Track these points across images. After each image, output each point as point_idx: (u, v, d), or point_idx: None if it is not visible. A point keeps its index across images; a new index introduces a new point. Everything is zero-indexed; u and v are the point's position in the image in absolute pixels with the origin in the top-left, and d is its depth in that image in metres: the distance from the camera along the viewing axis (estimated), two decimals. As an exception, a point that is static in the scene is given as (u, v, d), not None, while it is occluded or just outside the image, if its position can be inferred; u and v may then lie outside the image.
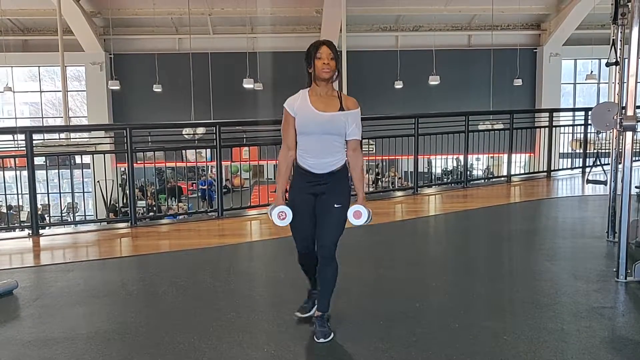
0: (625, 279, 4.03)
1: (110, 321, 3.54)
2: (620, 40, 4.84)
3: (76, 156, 9.67)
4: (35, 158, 6.24)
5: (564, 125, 10.44)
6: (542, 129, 10.02)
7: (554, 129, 9.76)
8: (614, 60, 4.90)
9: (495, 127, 10.25)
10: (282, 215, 3.09)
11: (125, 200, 17.36)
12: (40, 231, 6.24)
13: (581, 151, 10.23)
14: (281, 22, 18.57)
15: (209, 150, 9.90)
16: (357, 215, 3.10)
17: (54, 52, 16.22)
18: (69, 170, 7.75)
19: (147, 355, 3.05)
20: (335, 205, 3.11)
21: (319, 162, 3.09)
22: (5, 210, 12.05)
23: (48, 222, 11.02)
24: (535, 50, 20.08)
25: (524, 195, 8.53)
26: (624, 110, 4.15)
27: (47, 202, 10.46)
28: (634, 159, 4.09)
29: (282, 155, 3.16)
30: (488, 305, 3.71)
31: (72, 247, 6.04)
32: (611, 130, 4.96)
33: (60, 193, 10.30)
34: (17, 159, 7.00)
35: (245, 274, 4.76)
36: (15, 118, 19.85)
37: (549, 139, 9.64)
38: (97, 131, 14.26)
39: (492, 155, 13.15)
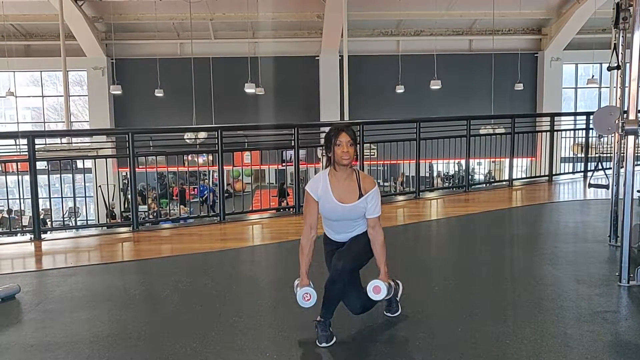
0: (628, 283, 4.02)
1: (112, 326, 3.54)
2: (622, 45, 4.84)
3: (78, 161, 9.67)
4: (37, 162, 6.24)
5: (566, 130, 10.44)
6: (544, 133, 10.01)
7: (555, 133, 9.76)
8: (616, 65, 4.90)
9: (497, 131, 10.25)
10: (307, 297, 3.16)
11: (126, 205, 17.39)
12: (42, 235, 6.24)
13: (583, 155, 10.22)
14: (282, 26, 18.61)
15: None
16: (377, 290, 3.17)
17: (56, 57, 16.26)
18: (70, 175, 7.76)
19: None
20: (352, 236, 3.32)
21: (343, 236, 3.35)
22: (7, 215, 12.07)
23: (50, 226, 11.04)
24: (536, 55, 20.10)
25: (525, 200, 8.52)
26: (625, 114, 4.15)
27: (49, 207, 10.44)
28: (636, 163, 4.08)
29: (305, 236, 3.27)
30: (490, 310, 3.71)
31: (74, 251, 6.04)
32: (613, 135, 4.97)
33: (62, 197, 10.29)
34: (19, 163, 7.02)
35: (247, 278, 4.76)
36: (17, 123, 19.89)
37: (550, 143, 9.64)
38: (99, 136, 14.27)
39: (493, 159, 13.14)
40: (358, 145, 3.31)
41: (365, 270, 3.37)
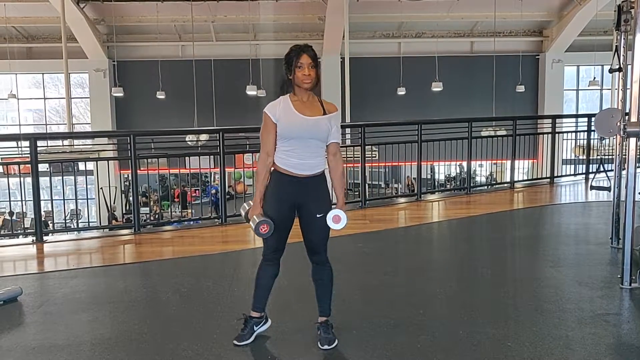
0: (630, 285, 4.02)
1: (114, 328, 3.54)
2: (623, 47, 4.84)
3: (80, 163, 9.68)
4: (39, 165, 6.25)
5: (567, 132, 10.44)
6: (545, 135, 10.01)
7: (556, 135, 9.75)
8: (617, 67, 4.90)
9: (498, 133, 10.25)
10: (263, 229, 3.07)
11: (128, 207, 17.41)
12: (44, 238, 6.25)
13: (584, 157, 10.21)
14: (284, 28, 18.63)
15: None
16: (336, 219, 3.11)
17: (57, 59, 16.29)
18: (72, 177, 7.77)
19: (151, 362, 3.05)
20: (318, 215, 3.13)
21: (302, 163, 3.09)
22: (9, 217, 12.08)
23: (52, 228, 11.05)
24: (537, 57, 20.09)
25: (527, 202, 8.52)
26: (627, 117, 4.15)
27: (50, 209, 10.46)
28: (637, 165, 4.08)
29: (262, 161, 3.16)
30: (492, 312, 3.70)
31: (76, 253, 6.04)
32: (614, 137, 4.97)
33: (63, 200, 10.32)
34: (21, 165, 7.03)
35: (248, 280, 4.74)
36: (19, 125, 19.91)
37: (552, 145, 9.63)
38: (101, 138, 14.29)
39: (495, 161, 13.15)
40: (319, 72, 3.13)
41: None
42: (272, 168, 3.16)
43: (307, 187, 3.12)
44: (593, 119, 5.38)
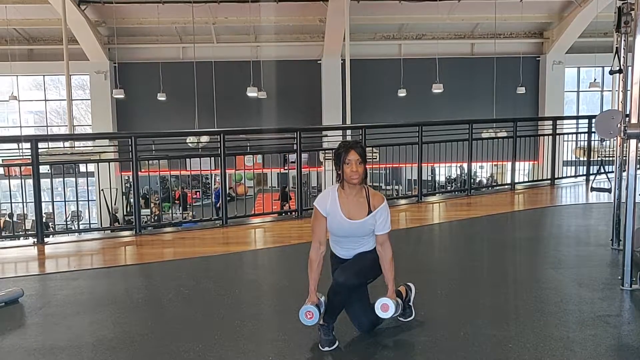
0: (631, 287, 4.01)
1: (116, 329, 3.54)
2: (624, 48, 4.84)
3: (80, 164, 9.70)
4: (40, 166, 6.25)
5: (568, 133, 10.44)
6: (546, 137, 10.01)
7: (557, 136, 9.76)
8: (618, 68, 4.90)
9: (499, 135, 10.25)
10: (309, 315, 3.12)
11: (129, 209, 17.42)
12: (45, 239, 6.26)
13: (585, 159, 10.21)
14: (285, 30, 18.64)
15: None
16: (385, 308, 3.15)
17: (58, 61, 16.29)
18: (73, 179, 7.78)
19: (152, 363, 3.05)
20: (360, 251, 3.29)
21: (350, 253, 3.30)
22: (10, 219, 12.09)
23: (53, 230, 11.06)
24: (538, 59, 20.10)
25: (528, 203, 8.52)
26: (627, 118, 4.16)
27: (51, 211, 10.47)
28: (638, 166, 4.08)
29: (314, 251, 3.24)
30: (493, 313, 3.71)
31: (77, 255, 6.05)
32: (615, 138, 4.97)
33: (64, 201, 10.33)
34: (22, 167, 7.04)
35: (249, 282, 4.76)
36: (20, 126, 19.93)
37: (552, 146, 9.63)
38: (102, 140, 14.30)
39: (495, 163, 13.15)
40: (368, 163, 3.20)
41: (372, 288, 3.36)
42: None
43: None
44: (593, 120, 5.39)
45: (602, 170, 6.29)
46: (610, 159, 6.98)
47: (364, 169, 3.15)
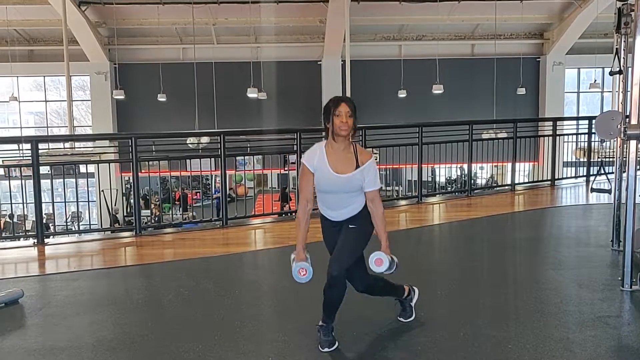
0: (631, 287, 4.02)
1: (116, 330, 3.55)
2: (624, 49, 4.85)
3: (81, 165, 9.70)
4: (40, 167, 6.26)
5: (568, 134, 10.44)
6: (546, 138, 10.01)
7: (557, 137, 9.76)
8: (618, 69, 4.91)
9: (499, 136, 10.25)
10: (302, 272, 3.12)
11: (129, 210, 17.43)
12: (45, 240, 6.26)
13: (585, 160, 10.22)
14: (285, 31, 18.64)
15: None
16: (379, 262, 3.13)
17: (59, 62, 16.29)
18: (73, 180, 7.79)
19: (152, 364, 3.05)
20: (350, 226, 3.20)
21: (337, 213, 3.23)
22: (10, 219, 12.10)
23: (53, 231, 11.06)
24: (538, 59, 20.10)
25: (528, 204, 8.52)
26: (627, 119, 4.16)
27: (52, 211, 10.46)
28: (638, 167, 4.08)
29: (301, 208, 3.23)
30: (493, 314, 3.71)
31: (77, 256, 6.06)
32: (615, 139, 4.97)
33: (65, 202, 10.32)
34: (22, 168, 7.04)
35: (249, 283, 4.77)
36: (21, 127, 19.93)
37: (552, 147, 9.63)
38: (102, 140, 14.30)
39: (495, 164, 13.14)
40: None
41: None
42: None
43: (346, 222, 3.24)
44: (594, 121, 5.39)
45: (602, 171, 6.30)
46: (611, 159, 6.98)
47: (354, 122, 3.14)
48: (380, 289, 3.43)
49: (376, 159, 9.43)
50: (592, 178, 8.82)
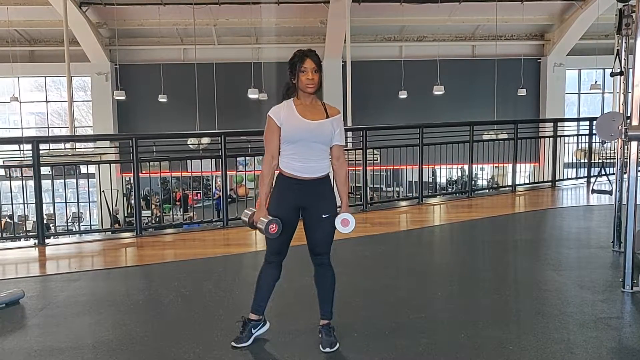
0: (632, 289, 4.02)
1: (116, 331, 3.54)
2: (625, 51, 4.85)
3: (81, 166, 9.71)
4: (41, 168, 6.26)
5: (569, 135, 10.44)
6: (547, 139, 10.01)
7: (558, 138, 9.75)
8: (619, 71, 4.91)
9: (500, 137, 10.25)
10: (272, 228, 3.07)
11: (130, 210, 17.43)
12: (46, 241, 6.26)
13: (586, 161, 10.21)
14: (286, 32, 18.65)
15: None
16: (345, 223, 3.14)
17: (60, 63, 16.30)
18: (74, 180, 7.79)
19: (153, 364, 3.05)
20: (324, 216, 3.15)
21: (306, 167, 3.10)
22: (11, 220, 12.10)
23: (54, 231, 11.06)
24: (539, 61, 20.09)
25: (528, 205, 8.51)
26: (628, 120, 4.16)
27: (52, 212, 10.47)
28: (639, 168, 4.08)
29: (266, 163, 3.16)
30: (493, 316, 3.70)
31: (78, 256, 6.06)
32: (616, 140, 4.97)
33: (65, 203, 10.31)
34: (23, 168, 7.05)
35: (250, 283, 4.73)
36: (22, 128, 19.93)
37: (553, 148, 9.63)
38: (103, 141, 14.30)
39: (496, 165, 13.13)
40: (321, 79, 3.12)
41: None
42: (277, 172, 3.17)
43: (311, 189, 3.13)
44: (594, 122, 5.38)
45: (603, 173, 6.30)
46: (611, 161, 6.98)
47: (319, 78, 3.11)
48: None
49: (377, 160, 9.43)
50: (592, 179, 8.82)
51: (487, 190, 13.20)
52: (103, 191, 12.26)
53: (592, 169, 9.90)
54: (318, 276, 3.24)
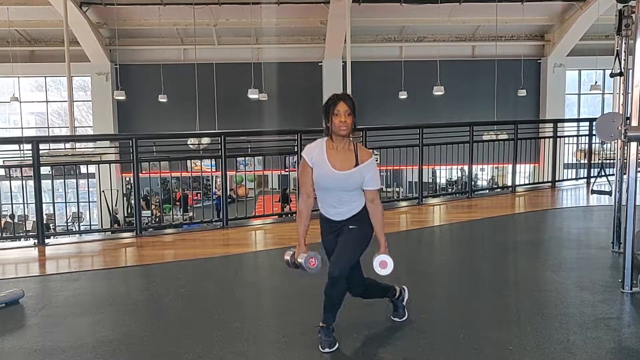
0: (631, 289, 4.01)
1: (116, 331, 3.55)
2: (624, 51, 4.85)
3: (81, 166, 9.71)
4: (41, 168, 6.26)
5: (569, 136, 10.44)
6: (547, 140, 10.01)
7: (558, 139, 9.75)
8: (618, 71, 4.91)
9: (500, 137, 10.25)
10: (312, 262, 3.11)
11: (129, 210, 17.43)
12: (46, 240, 6.26)
13: (586, 161, 10.22)
14: (286, 32, 18.66)
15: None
16: (383, 265, 3.16)
17: (60, 63, 16.32)
18: (74, 180, 7.79)
19: (153, 364, 3.05)
20: (351, 227, 3.19)
21: (337, 212, 3.21)
22: (11, 220, 12.10)
23: (53, 231, 11.06)
24: (539, 61, 20.10)
25: (528, 206, 8.52)
26: (628, 121, 4.16)
27: (52, 212, 10.47)
28: (638, 169, 4.08)
29: (302, 202, 3.23)
30: (493, 316, 3.71)
31: (78, 256, 6.06)
32: (616, 141, 4.97)
33: (65, 203, 10.31)
34: (23, 168, 7.05)
35: (250, 283, 4.77)
36: (22, 128, 19.94)
37: (553, 149, 9.63)
38: (103, 141, 14.30)
39: (496, 165, 13.13)
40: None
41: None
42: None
43: (346, 222, 3.22)
44: (594, 123, 5.38)
45: (603, 173, 6.29)
46: (611, 161, 6.98)
47: (353, 121, 3.12)
48: (375, 292, 3.44)
49: (377, 160, 9.44)
50: (592, 180, 8.82)
51: (487, 191, 13.19)
52: (103, 191, 12.26)
53: (592, 170, 9.90)
54: (327, 288, 3.15)
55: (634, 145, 4.02)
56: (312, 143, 3.23)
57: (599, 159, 9.23)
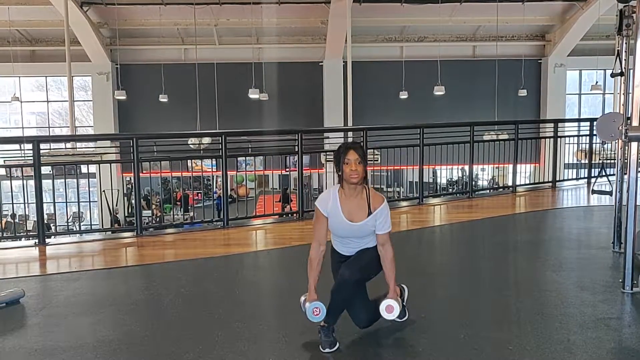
0: (631, 289, 4.01)
1: (116, 330, 3.55)
2: (625, 51, 4.84)
3: (82, 166, 9.72)
4: (41, 167, 6.26)
5: (569, 136, 10.43)
6: (547, 140, 10.01)
7: (559, 139, 9.75)
8: (619, 71, 4.91)
9: (500, 137, 10.25)
10: (316, 312, 3.13)
11: (130, 210, 17.44)
12: (47, 240, 6.26)
13: (586, 161, 10.21)
14: (287, 32, 18.66)
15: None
16: (390, 309, 3.18)
17: (61, 62, 16.32)
18: (75, 180, 7.80)
19: (153, 364, 3.05)
20: (360, 249, 3.31)
21: (350, 249, 3.34)
22: (11, 219, 12.11)
23: (54, 231, 11.07)
24: (539, 61, 20.09)
25: (529, 206, 8.51)
26: (629, 121, 4.16)
27: (53, 212, 10.47)
28: (639, 169, 4.08)
29: (314, 250, 3.26)
30: (493, 316, 3.71)
31: (78, 256, 6.06)
32: (616, 141, 4.97)
33: (66, 202, 10.31)
34: (24, 168, 7.05)
35: (250, 283, 4.77)
36: (22, 128, 19.95)
37: (554, 149, 9.63)
38: (103, 141, 14.31)
39: (497, 165, 13.14)
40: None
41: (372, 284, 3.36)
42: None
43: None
44: (595, 123, 5.38)
45: (604, 173, 6.29)
46: (612, 161, 6.98)
47: (364, 169, 3.16)
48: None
49: (377, 161, 9.44)
50: (593, 180, 8.81)
51: (488, 191, 13.19)
52: (103, 191, 12.27)
53: (593, 170, 9.90)
54: (334, 290, 3.20)
55: (634, 145, 4.02)
56: (324, 193, 3.30)
57: (599, 159, 9.23)
